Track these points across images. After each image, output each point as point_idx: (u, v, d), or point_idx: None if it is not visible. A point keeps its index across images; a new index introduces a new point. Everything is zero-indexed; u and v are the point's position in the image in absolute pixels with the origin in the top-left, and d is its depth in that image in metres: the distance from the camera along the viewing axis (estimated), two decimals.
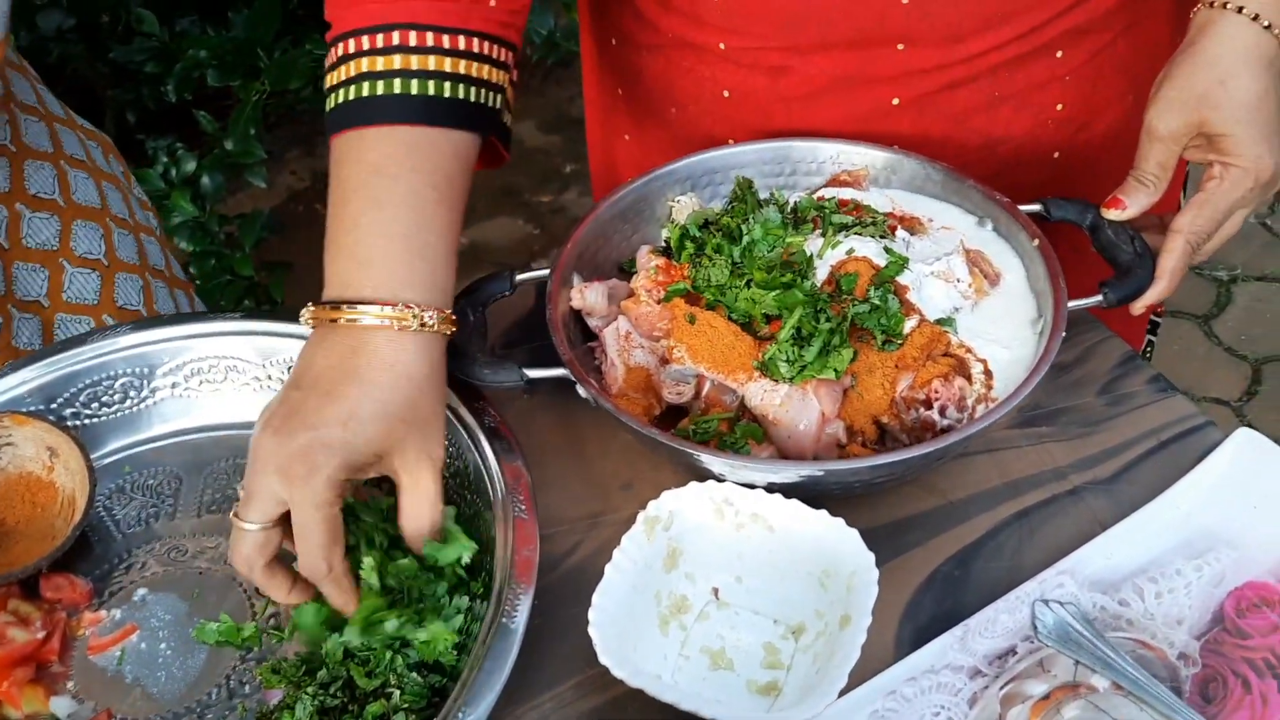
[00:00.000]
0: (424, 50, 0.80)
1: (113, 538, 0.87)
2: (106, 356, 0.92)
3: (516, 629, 0.71)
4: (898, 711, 0.72)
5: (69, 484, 0.87)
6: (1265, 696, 0.71)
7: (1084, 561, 0.78)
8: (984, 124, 0.98)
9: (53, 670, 0.79)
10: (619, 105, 1.14)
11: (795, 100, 0.99)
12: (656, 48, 1.04)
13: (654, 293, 0.87)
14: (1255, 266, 2.63)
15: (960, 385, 0.80)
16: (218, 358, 0.93)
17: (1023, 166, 1.01)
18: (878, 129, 0.97)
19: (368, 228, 0.76)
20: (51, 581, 0.83)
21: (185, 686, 0.78)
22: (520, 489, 0.79)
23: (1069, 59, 0.96)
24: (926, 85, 0.96)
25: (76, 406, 0.91)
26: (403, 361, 0.73)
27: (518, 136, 3.49)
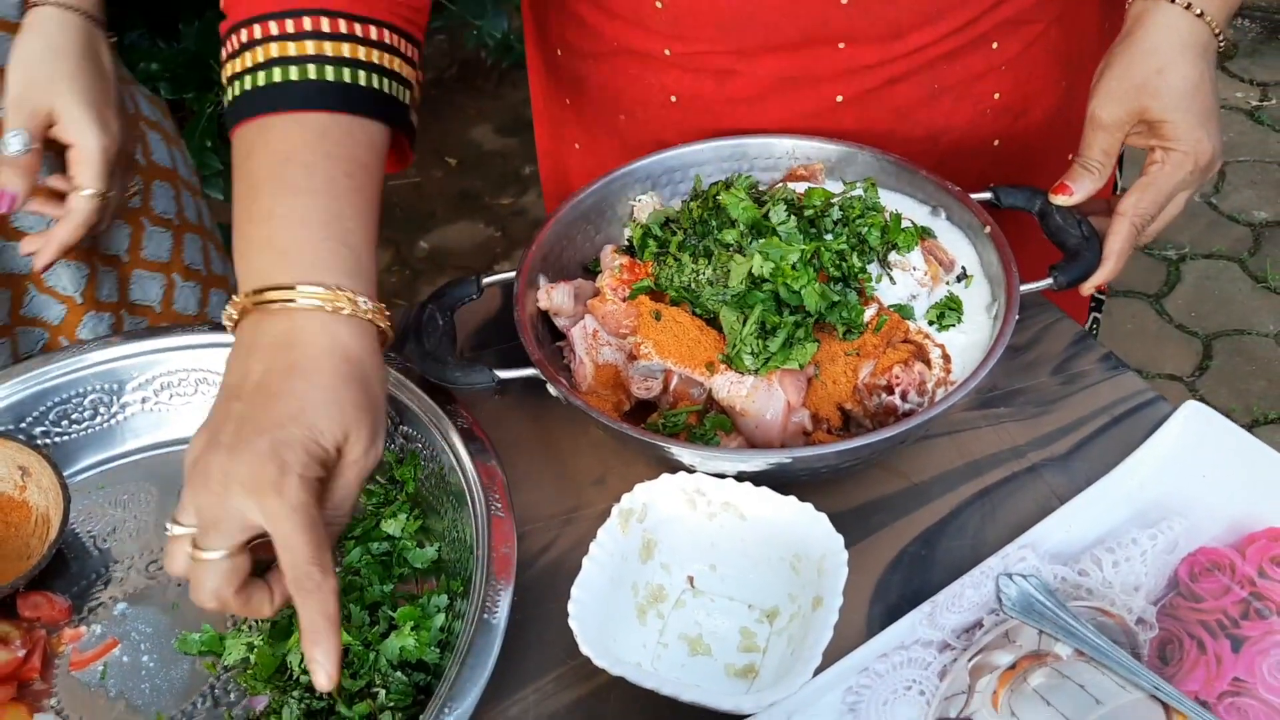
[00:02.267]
0: (338, 37, 0.76)
1: (89, 554, 0.88)
2: (76, 373, 0.92)
3: (498, 624, 0.72)
4: (871, 687, 0.74)
5: (42, 502, 0.87)
6: (1219, 656, 0.74)
7: (1044, 535, 0.81)
8: (926, 116, 1.01)
9: (35, 688, 0.79)
10: (568, 115, 1.15)
11: (742, 102, 1.01)
12: (602, 56, 1.05)
13: (619, 291, 0.89)
14: (1203, 245, 2.70)
15: (920, 370, 0.83)
16: (187, 370, 0.94)
17: (965, 155, 1.04)
18: (823, 126, 1.00)
19: (285, 217, 0.71)
20: (29, 600, 0.83)
21: (170, 697, 0.78)
22: (495, 488, 0.81)
23: (1004, 49, 1.00)
24: (869, 81, 0.98)
25: (47, 425, 0.92)
26: (341, 345, 0.68)
27: (476, 140, 3.47)
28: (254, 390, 0.67)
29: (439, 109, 3.23)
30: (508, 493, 0.81)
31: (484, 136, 3.17)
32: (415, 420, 0.87)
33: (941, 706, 0.73)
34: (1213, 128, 0.85)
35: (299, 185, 0.72)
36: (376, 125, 0.78)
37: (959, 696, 0.73)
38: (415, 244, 2.88)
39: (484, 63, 3.23)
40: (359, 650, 0.74)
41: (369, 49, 0.78)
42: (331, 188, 0.72)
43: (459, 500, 0.82)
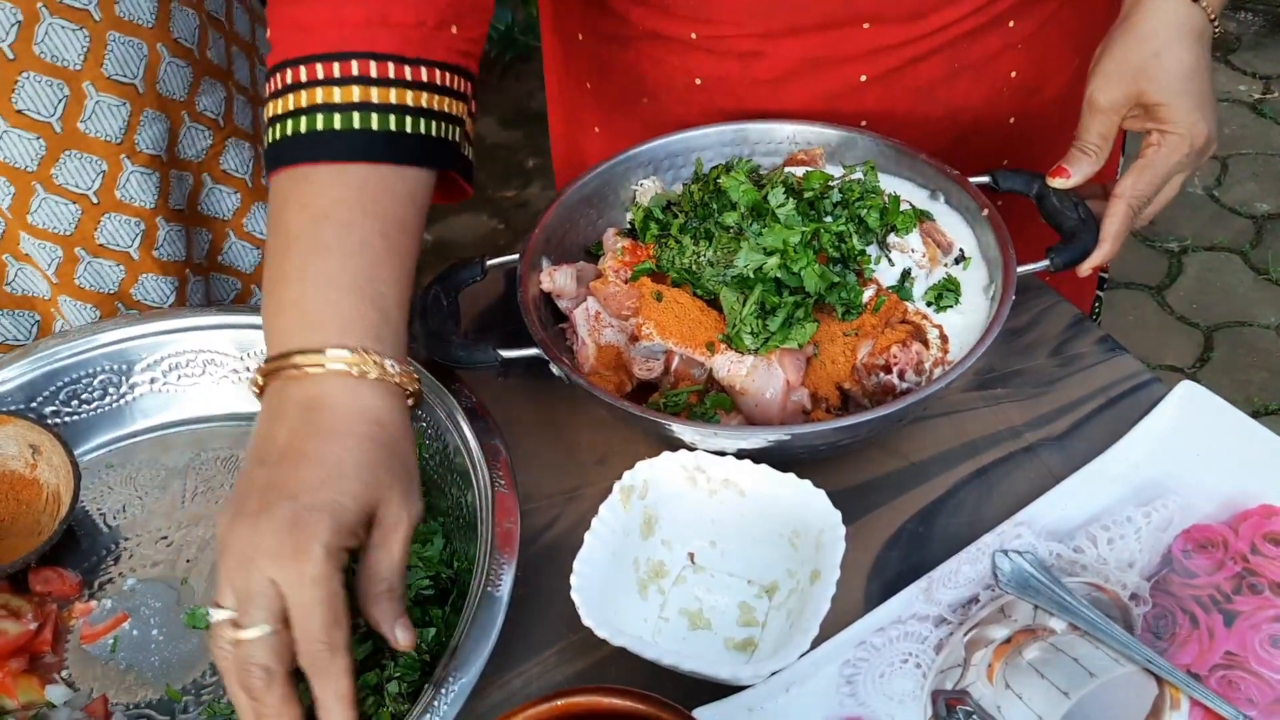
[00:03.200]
0: (385, 82, 0.73)
1: (99, 530, 0.89)
2: (86, 354, 0.93)
3: (501, 597, 0.73)
4: (868, 660, 0.75)
5: (53, 480, 0.88)
6: (1211, 630, 0.75)
7: (1040, 513, 0.82)
8: (945, 95, 1.03)
9: (46, 660, 0.81)
10: (587, 99, 1.16)
11: (766, 84, 1.02)
12: (626, 40, 1.06)
13: (621, 273, 0.90)
14: (1205, 237, 2.71)
15: (917, 350, 0.84)
16: (195, 352, 0.95)
17: (982, 133, 1.06)
18: (846, 106, 1.01)
19: (315, 280, 0.69)
20: (40, 575, 0.85)
21: (179, 670, 0.80)
22: (499, 465, 0.82)
23: (1020, 28, 1.01)
24: (891, 61, 1.00)
25: (57, 404, 0.93)
26: (371, 409, 0.66)
27: (480, 133, 3.49)
28: (279, 456, 0.65)
29: None
30: (511, 470, 0.82)
31: (487, 129, 3.18)
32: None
33: (937, 679, 0.74)
34: (1208, 111, 0.86)
35: (332, 246, 0.70)
36: (420, 172, 0.75)
37: (954, 669, 0.74)
38: None
39: (487, 55, 3.24)
40: None
41: (418, 92, 0.74)
42: (365, 249, 0.70)
43: (464, 479, 0.84)
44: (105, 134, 1.00)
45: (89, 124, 0.99)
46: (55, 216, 1.02)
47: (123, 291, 1.07)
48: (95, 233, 1.03)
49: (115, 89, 0.99)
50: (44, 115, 0.97)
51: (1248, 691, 0.72)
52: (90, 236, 1.03)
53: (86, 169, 1.01)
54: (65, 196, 1.01)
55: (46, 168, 0.99)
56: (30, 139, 0.98)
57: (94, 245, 1.04)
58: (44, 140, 0.98)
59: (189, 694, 0.78)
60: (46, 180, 1.00)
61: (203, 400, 0.96)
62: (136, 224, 1.05)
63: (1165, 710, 0.71)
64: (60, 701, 0.77)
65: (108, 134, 1.00)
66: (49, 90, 0.96)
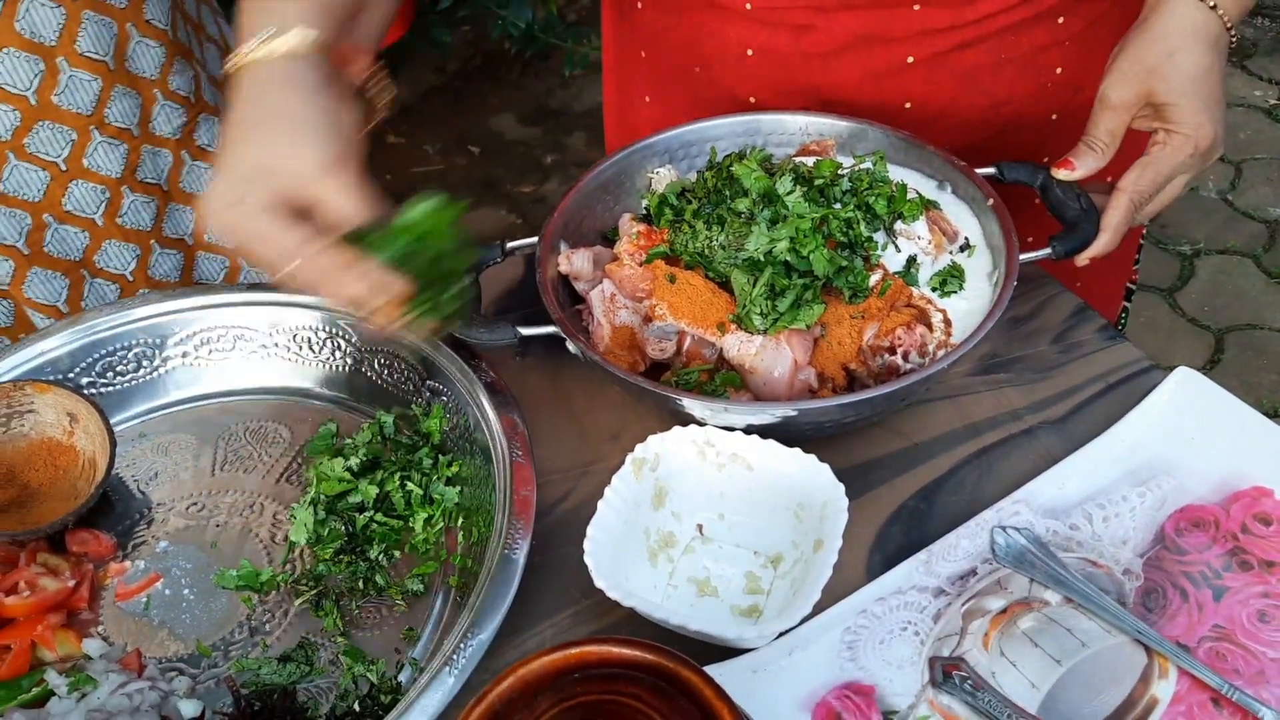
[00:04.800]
0: None
1: (133, 496, 0.93)
2: (122, 328, 0.97)
3: (518, 559, 0.77)
4: (868, 628, 0.78)
5: (89, 447, 0.92)
6: (1200, 604, 0.78)
7: (1038, 491, 0.85)
8: (990, 84, 1.06)
9: (83, 616, 0.85)
10: (640, 68, 1.19)
11: (816, 57, 1.05)
12: (682, 9, 1.09)
13: (636, 256, 0.93)
14: (1218, 240, 2.72)
15: (921, 333, 0.87)
16: (226, 327, 0.99)
17: (1024, 128, 1.08)
18: (892, 86, 1.04)
19: None
20: (77, 536, 0.89)
21: (209, 627, 0.83)
22: (516, 437, 0.85)
23: (1069, 25, 1.04)
24: (939, 45, 1.03)
25: (94, 375, 0.97)
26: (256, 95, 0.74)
27: (499, 129, 3.51)
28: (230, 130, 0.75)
29: (463, 98, 3.28)
30: (528, 442, 0.86)
31: (506, 125, 3.22)
32: (443, 376, 0.92)
33: (935, 646, 0.77)
34: (1216, 114, 0.88)
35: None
36: None
37: (951, 637, 0.77)
38: None
39: (508, 53, 3.28)
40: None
41: None
42: None
43: (484, 452, 0.87)
44: (77, 107, 1.06)
45: (62, 97, 1.05)
46: (25, 183, 1.07)
47: (86, 258, 1.12)
48: (63, 199, 1.09)
49: (88, 65, 1.05)
50: (20, 89, 1.03)
51: (1234, 663, 0.74)
52: (58, 203, 1.09)
53: (57, 138, 1.06)
54: (36, 164, 1.07)
55: (20, 137, 1.05)
56: (6, 110, 1.03)
57: (61, 212, 1.09)
58: (19, 111, 1.04)
59: (218, 649, 0.82)
60: (19, 149, 1.05)
61: (233, 374, 0.99)
62: (102, 191, 1.10)
63: (1154, 679, 0.74)
64: (96, 654, 0.81)
65: (79, 107, 1.06)
66: (27, 64, 1.02)
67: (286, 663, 0.80)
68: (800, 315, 0.86)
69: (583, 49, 2.98)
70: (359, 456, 0.90)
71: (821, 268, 0.86)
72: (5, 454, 0.92)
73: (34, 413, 0.93)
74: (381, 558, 0.85)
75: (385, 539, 0.86)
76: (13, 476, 0.92)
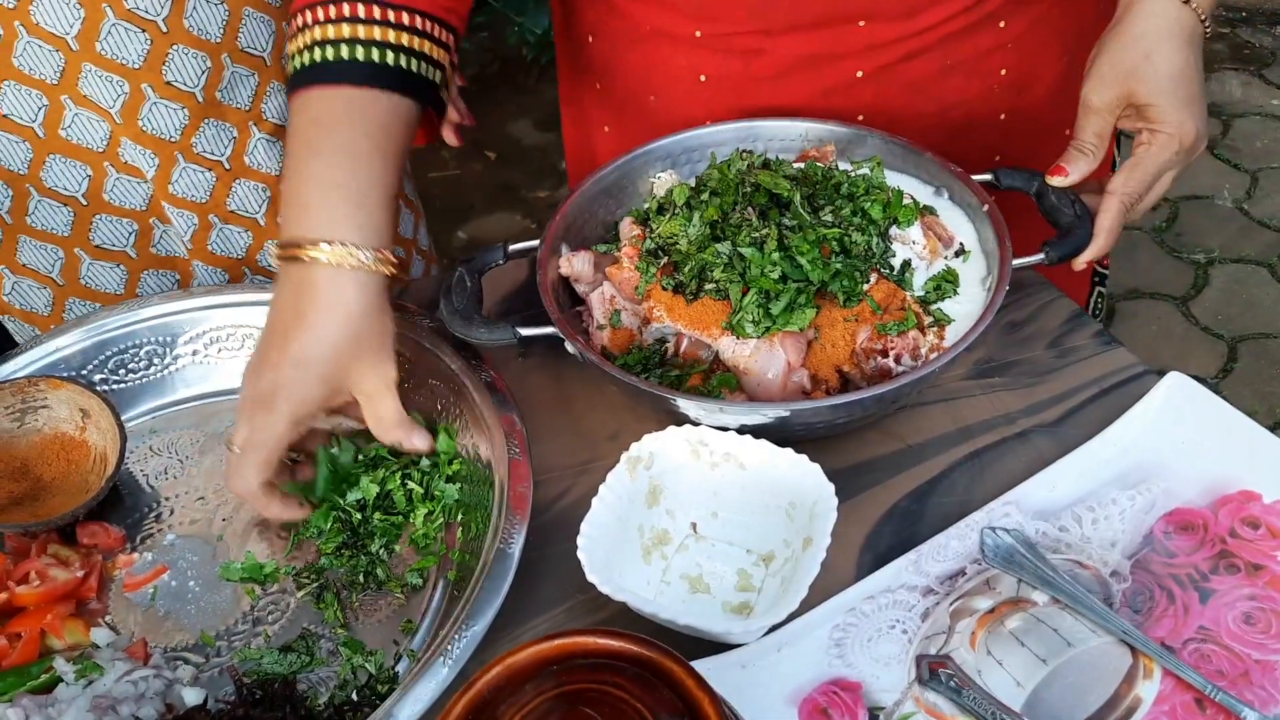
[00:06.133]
0: (372, 22, 0.87)
1: (142, 490, 0.95)
2: (133, 326, 1.00)
3: (513, 553, 0.79)
4: (857, 625, 0.79)
5: (100, 442, 0.95)
6: (1187, 606, 0.78)
7: (1028, 493, 0.86)
8: (938, 91, 1.07)
9: (91, 606, 0.87)
10: (596, 98, 1.21)
11: (767, 80, 1.07)
12: (633, 40, 1.11)
13: (635, 259, 0.95)
14: (1232, 249, 2.71)
15: (914, 336, 0.88)
16: (235, 326, 1.01)
17: (974, 129, 1.10)
18: (843, 101, 1.06)
19: (307, 176, 0.84)
20: (87, 529, 0.91)
21: (213, 618, 0.85)
22: (514, 435, 0.87)
23: (1011, 27, 1.05)
24: (886, 57, 1.04)
25: (105, 373, 1.00)
26: (344, 300, 0.81)
27: (515, 134, 3.54)
28: (271, 327, 0.83)
29: (479, 104, 3.29)
30: (526, 441, 0.87)
31: (523, 131, 3.24)
32: (444, 376, 0.94)
33: (922, 645, 0.78)
34: (1197, 110, 0.89)
35: (321, 147, 0.84)
36: (401, 99, 0.88)
37: (939, 636, 0.78)
38: (454, 234, 2.96)
39: (524, 59, 3.31)
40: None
41: (399, 32, 0.88)
42: (349, 147, 0.84)
43: (481, 445, 0.89)
44: (238, 103, 1.11)
45: (224, 93, 1.10)
46: (193, 185, 1.12)
47: (249, 257, 1.15)
48: (227, 200, 1.13)
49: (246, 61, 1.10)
50: (189, 86, 1.07)
51: (1219, 664, 0.75)
52: (222, 203, 1.13)
53: (221, 136, 1.11)
54: (202, 165, 1.11)
55: (187, 137, 1.09)
56: (176, 108, 1.08)
57: (225, 212, 1.13)
58: (188, 110, 1.08)
59: (221, 639, 0.84)
60: (187, 150, 1.10)
61: (241, 372, 1.01)
62: (264, 190, 1.13)
63: (1139, 679, 0.75)
64: (104, 643, 0.83)
65: (240, 102, 1.11)
66: (195, 62, 1.07)
67: (288, 653, 0.82)
68: (793, 319, 0.87)
69: None
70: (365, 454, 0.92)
71: (816, 274, 0.87)
72: (19, 448, 0.95)
73: (48, 408, 0.96)
74: (382, 552, 0.87)
75: (386, 534, 0.88)
76: (26, 470, 0.94)
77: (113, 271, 1.16)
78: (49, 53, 1.03)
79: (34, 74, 1.04)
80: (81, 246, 1.15)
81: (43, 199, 1.11)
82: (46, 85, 1.05)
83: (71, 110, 1.07)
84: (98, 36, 1.03)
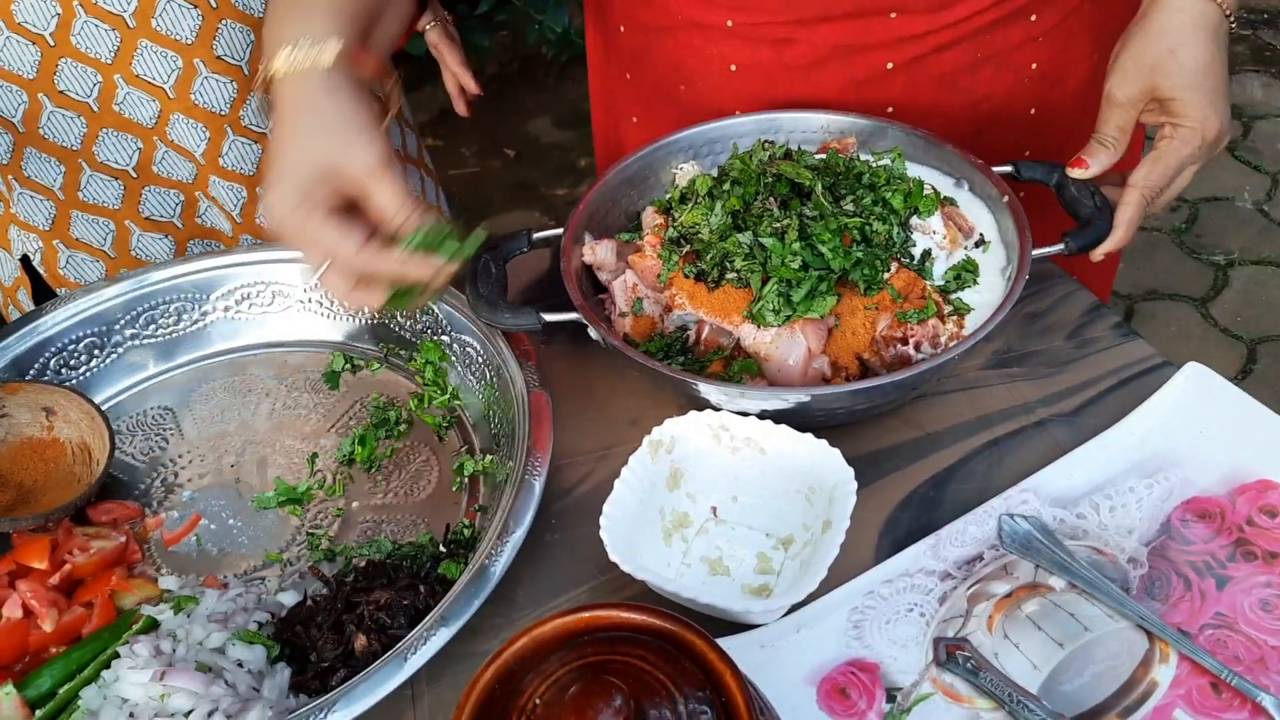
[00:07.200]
0: None
1: (136, 465, 0.97)
2: (172, 281, 1.04)
3: (536, 486, 0.83)
4: (875, 608, 0.80)
5: (74, 434, 0.95)
6: (1204, 593, 0.79)
7: (1046, 481, 0.87)
8: (968, 84, 1.08)
9: (141, 570, 0.89)
10: (626, 89, 1.23)
11: (798, 70, 1.08)
12: (665, 29, 1.12)
13: (658, 247, 0.96)
14: (1252, 251, 2.70)
15: (934, 325, 0.89)
16: (264, 283, 1.06)
17: (1003, 123, 1.11)
18: (873, 92, 1.07)
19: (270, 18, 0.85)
20: (101, 508, 0.93)
21: (268, 540, 0.89)
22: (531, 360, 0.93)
23: (1042, 21, 1.06)
24: (917, 49, 1.05)
25: (136, 328, 1.04)
26: (309, 102, 0.81)
27: (534, 133, 3.55)
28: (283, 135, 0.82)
29: (500, 102, 3.33)
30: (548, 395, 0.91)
31: (542, 129, 3.26)
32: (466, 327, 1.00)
33: (940, 628, 0.79)
34: (1220, 105, 0.90)
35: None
36: None
37: (956, 620, 0.79)
38: (472, 231, 2.98)
39: (544, 58, 3.33)
40: None
41: None
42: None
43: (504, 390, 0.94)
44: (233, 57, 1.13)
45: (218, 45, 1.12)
46: (242, 158, 1.15)
47: None
48: None
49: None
50: (236, 59, 1.10)
51: (1235, 650, 0.76)
52: None
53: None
54: (250, 137, 1.14)
55: (236, 110, 1.12)
56: (226, 82, 1.11)
57: None
58: (236, 84, 1.11)
59: (286, 552, 0.88)
60: (235, 123, 1.13)
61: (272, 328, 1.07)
62: None
63: (1155, 663, 0.75)
64: (176, 587, 0.85)
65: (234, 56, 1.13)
66: (241, 35, 1.10)
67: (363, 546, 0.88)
68: (814, 306, 0.88)
69: None
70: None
71: (837, 262, 0.88)
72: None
73: (7, 415, 0.95)
74: None
75: None
76: (5, 481, 0.94)
77: (161, 242, 1.19)
78: (105, 31, 1.06)
79: (90, 53, 1.07)
80: (132, 218, 1.17)
81: (95, 173, 1.14)
82: (101, 64, 1.08)
83: (124, 89, 1.10)
84: (154, 13, 1.06)
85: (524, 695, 0.59)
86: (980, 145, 0.99)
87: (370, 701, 0.71)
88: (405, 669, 0.72)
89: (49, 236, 1.16)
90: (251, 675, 0.77)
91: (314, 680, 0.78)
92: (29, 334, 1.00)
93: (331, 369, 1.03)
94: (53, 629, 0.81)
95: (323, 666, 0.78)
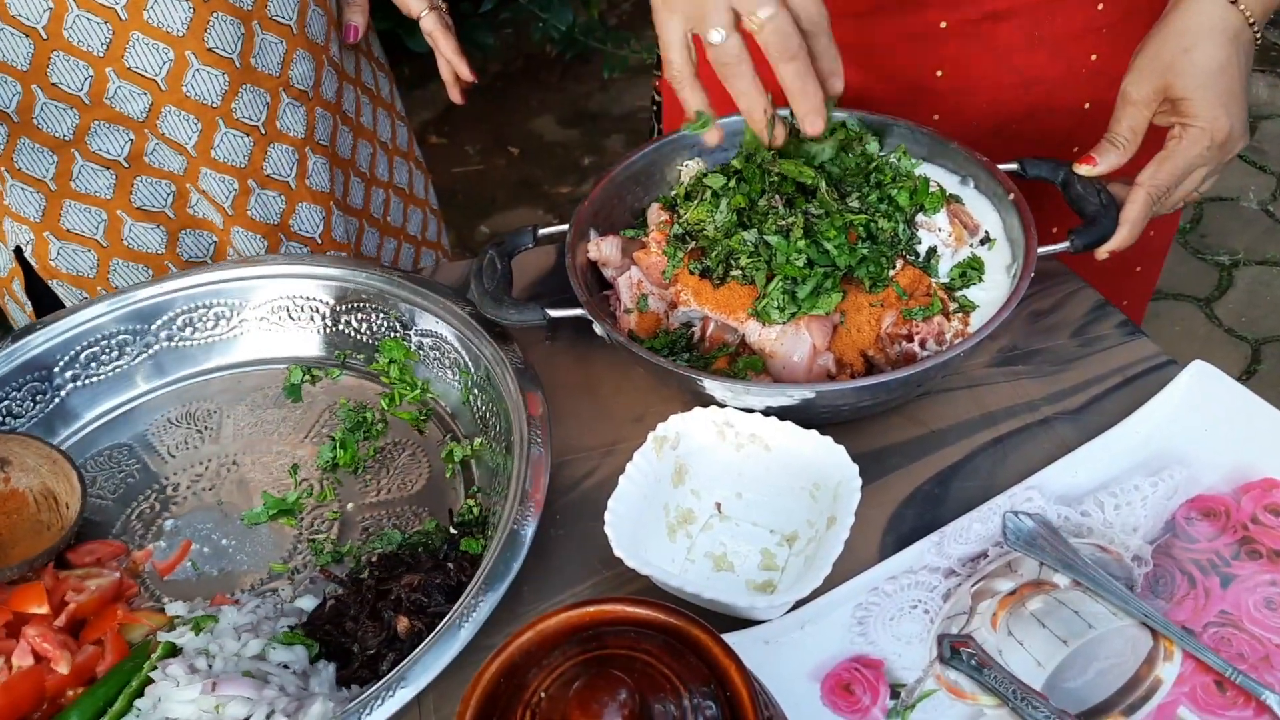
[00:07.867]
0: None
1: (107, 505, 0.96)
2: (110, 315, 1.03)
3: (541, 452, 0.85)
4: (880, 604, 0.80)
5: (34, 481, 0.92)
6: (1208, 591, 0.79)
7: (1051, 479, 0.86)
8: (1022, 63, 1.07)
9: (140, 600, 0.87)
10: None
11: (852, 16, 1.07)
12: None
13: (663, 244, 0.96)
14: (1257, 251, 2.70)
15: (939, 322, 0.89)
16: (206, 306, 1.06)
17: (1055, 112, 1.10)
18: (924, 50, 1.07)
19: None
20: (82, 550, 0.90)
21: (269, 553, 0.89)
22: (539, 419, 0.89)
23: (1108, 12, 1.06)
24: (970, 12, 1.05)
25: (76, 369, 1.02)
26: None
27: (538, 131, 3.55)
28: None
29: (504, 100, 3.33)
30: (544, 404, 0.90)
31: (546, 127, 3.26)
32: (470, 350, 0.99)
33: (944, 625, 0.79)
34: (1234, 108, 0.89)
35: None
36: None
37: (960, 616, 0.79)
38: (476, 228, 2.98)
39: (548, 56, 3.33)
40: None
41: None
42: None
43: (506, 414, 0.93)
44: (269, 70, 1.15)
45: (257, 59, 1.14)
46: (233, 150, 1.15)
47: (283, 222, 1.20)
48: (264, 164, 1.17)
49: (275, 29, 1.15)
50: (228, 52, 1.11)
51: (1239, 647, 0.76)
52: (259, 168, 1.17)
53: (256, 101, 1.15)
54: (241, 130, 1.15)
55: (227, 102, 1.13)
56: (218, 75, 1.11)
57: (262, 176, 1.17)
58: (227, 76, 1.11)
59: (290, 561, 0.88)
60: (227, 115, 1.13)
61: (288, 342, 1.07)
62: (293, 153, 1.18)
63: (1159, 661, 0.75)
64: (185, 611, 0.84)
65: (270, 69, 1.15)
66: (231, 28, 1.10)
67: (372, 541, 0.89)
68: (819, 303, 0.88)
69: (622, 53, 3.01)
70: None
71: (842, 259, 0.88)
72: None
73: None
74: None
75: None
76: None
77: (153, 232, 1.19)
78: (98, 24, 1.06)
79: (82, 45, 1.07)
80: (124, 208, 1.18)
81: (86, 163, 1.14)
82: (94, 57, 1.08)
83: (115, 82, 1.10)
84: (145, 6, 1.07)
85: (529, 689, 0.59)
86: (1029, 132, 0.98)
87: (435, 671, 0.73)
88: (461, 636, 0.74)
89: (40, 228, 1.16)
90: (297, 676, 0.77)
91: (362, 670, 0.79)
92: None
93: (290, 382, 1.02)
94: (69, 671, 0.79)
95: (369, 655, 0.79)
